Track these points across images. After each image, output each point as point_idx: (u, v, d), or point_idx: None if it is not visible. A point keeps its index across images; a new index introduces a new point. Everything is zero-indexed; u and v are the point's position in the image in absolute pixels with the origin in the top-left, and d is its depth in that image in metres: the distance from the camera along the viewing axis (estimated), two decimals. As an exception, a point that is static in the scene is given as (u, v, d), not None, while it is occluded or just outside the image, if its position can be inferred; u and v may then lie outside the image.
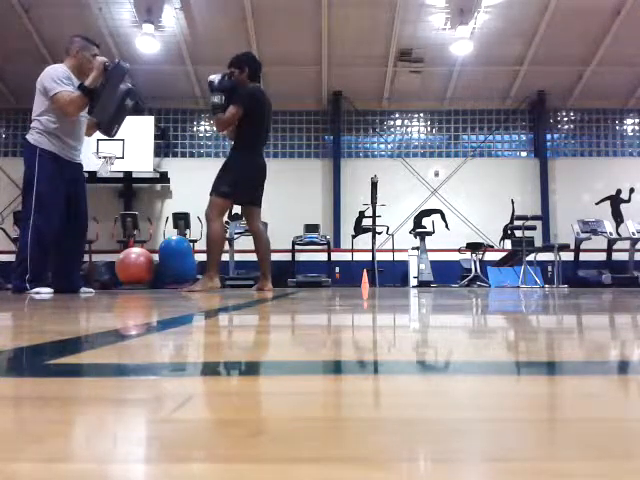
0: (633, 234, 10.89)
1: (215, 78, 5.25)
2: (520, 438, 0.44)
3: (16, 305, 2.99)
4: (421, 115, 13.49)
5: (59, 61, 4.93)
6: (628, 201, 11.65)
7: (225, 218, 6.58)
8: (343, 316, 2.20)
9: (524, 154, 13.45)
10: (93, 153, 11.48)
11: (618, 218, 11.47)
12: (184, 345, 1.16)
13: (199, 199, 6.66)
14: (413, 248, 11.16)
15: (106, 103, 4.66)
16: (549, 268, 10.94)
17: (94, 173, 11.67)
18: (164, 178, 12.50)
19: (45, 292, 4.49)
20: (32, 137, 4.67)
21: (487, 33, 11.37)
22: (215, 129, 5.12)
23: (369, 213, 10.91)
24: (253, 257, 5.98)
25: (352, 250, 11.61)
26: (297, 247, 11.89)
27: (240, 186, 5.31)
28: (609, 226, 11.22)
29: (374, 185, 10.53)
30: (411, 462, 0.38)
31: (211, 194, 5.37)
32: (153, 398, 0.59)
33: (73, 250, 5.01)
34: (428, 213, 11.22)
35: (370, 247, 10.78)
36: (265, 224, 11.35)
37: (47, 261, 4.80)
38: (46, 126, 4.64)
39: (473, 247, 10.75)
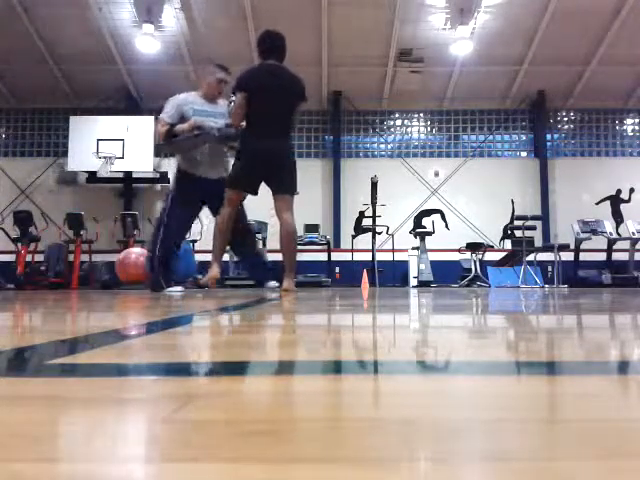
0: (633, 234, 10.88)
1: (216, 130, 5.10)
2: (520, 438, 0.44)
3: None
4: (421, 115, 13.49)
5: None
6: (628, 201, 11.65)
7: None
8: (343, 316, 2.20)
9: (524, 154, 13.44)
10: (93, 153, 11.49)
11: (618, 218, 11.46)
12: (185, 345, 1.16)
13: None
14: (413, 248, 11.15)
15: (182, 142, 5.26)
16: (549, 268, 10.93)
17: (94, 173, 11.70)
18: (164, 178, 12.48)
19: (175, 290, 5.18)
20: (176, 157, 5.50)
21: (487, 33, 11.36)
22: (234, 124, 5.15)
23: (369, 213, 10.90)
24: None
25: (352, 250, 11.60)
26: (297, 247, 11.85)
27: (242, 173, 5.01)
28: (609, 226, 11.21)
29: (374, 185, 10.52)
30: (411, 462, 0.38)
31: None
32: (153, 398, 0.59)
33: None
34: (428, 213, 11.21)
35: (370, 247, 10.77)
36: (265, 224, 11.44)
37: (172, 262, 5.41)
38: None
39: (473, 247, 10.74)
